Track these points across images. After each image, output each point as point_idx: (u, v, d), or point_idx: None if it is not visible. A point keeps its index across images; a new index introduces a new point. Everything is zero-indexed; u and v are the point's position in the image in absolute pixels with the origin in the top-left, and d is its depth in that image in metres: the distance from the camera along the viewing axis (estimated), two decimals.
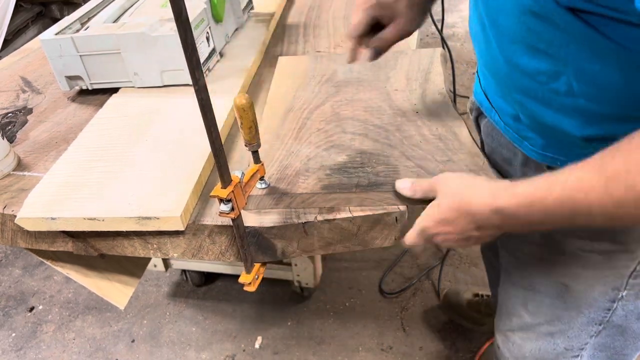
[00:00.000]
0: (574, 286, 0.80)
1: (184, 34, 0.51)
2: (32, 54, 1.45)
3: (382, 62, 1.13)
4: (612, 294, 0.79)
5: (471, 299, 1.65)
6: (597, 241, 0.73)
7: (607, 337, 0.86)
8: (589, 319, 0.83)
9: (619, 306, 0.80)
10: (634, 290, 0.78)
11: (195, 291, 1.93)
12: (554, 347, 0.90)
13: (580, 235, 0.75)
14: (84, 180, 0.83)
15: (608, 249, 0.74)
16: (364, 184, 0.75)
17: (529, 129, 0.74)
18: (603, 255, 0.75)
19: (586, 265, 0.77)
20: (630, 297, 0.79)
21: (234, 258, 0.80)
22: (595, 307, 0.81)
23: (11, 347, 1.79)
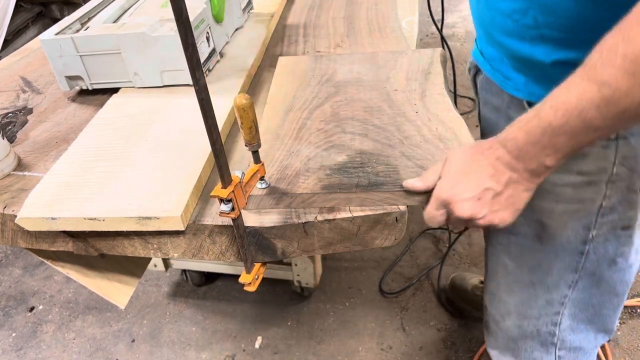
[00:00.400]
0: (550, 223, 0.85)
1: (184, 34, 0.51)
2: (32, 54, 1.45)
3: (382, 62, 1.13)
4: (584, 233, 0.83)
5: (477, 285, 1.68)
6: (566, 174, 0.78)
7: (584, 290, 0.90)
8: (565, 265, 0.88)
9: (591, 249, 0.85)
10: (602, 231, 0.83)
11: (196, 291, 1.93)
12: (535, 299, 0.94)
13: None
14: (84, 180, 0.83)
15: (575, 180, 0.79)
16: (364, 184, 0.75)
17: (511, 69, 0.82)
18: (572, 188, 0.80)
19: (558, 199, 0.82)
20: (600, 239, 0.84)
21: (234, 258, 0.80)
22: (570, 250, 0.86)
23: (11, 347, 1.79)
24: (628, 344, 1.61)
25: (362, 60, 1.15)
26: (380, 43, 1.29)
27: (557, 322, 0.96)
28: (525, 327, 1.00)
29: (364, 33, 1.37)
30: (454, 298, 1.75)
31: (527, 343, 1.02)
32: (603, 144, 0.75)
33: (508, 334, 1.03)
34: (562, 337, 0.98)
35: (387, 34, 1.35)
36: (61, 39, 1.05)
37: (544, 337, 0.99)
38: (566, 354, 1.00)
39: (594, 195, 0.80)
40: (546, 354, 1.01)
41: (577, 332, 0.98)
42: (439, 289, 1.82)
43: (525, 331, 1.00)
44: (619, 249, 0.86)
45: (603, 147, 0.75)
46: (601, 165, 0.77)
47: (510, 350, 1.05)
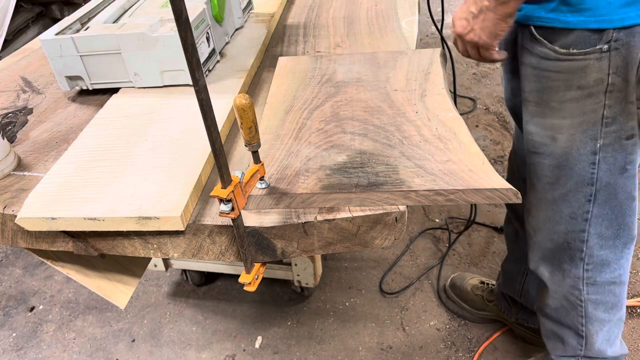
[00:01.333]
0: (560, 137, 0.97)
1: (184, 35, 0.51)
2: (33, 54, 1.45)
3: (382, 62, 1.13)
4: (592, 144, 0.95)
5: (476, 284, 1.73)
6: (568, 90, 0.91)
7: (604, 204, 1.02)
8: (581, 178, 0.99)
9: (601, 159, 0.96)
10: (608, 140, 0.94)
11: (196, 291, 1.93)
12: (560, 214, 1.06)
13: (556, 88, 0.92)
14: (84, 180, 0.83)
15: (576, 95, 0.90)
16: (364, 184, 0.76)
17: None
18: (575, 102, 0.91)
19: (565, 115, 0.94)
20: (607, 149, 0.95)
21: (234, 258, 0.80)
22: (582, 162, 0.97)
23: (12, 346, 1.79)
24: (628, 344, 1.61)
25: (362, 60, 1.15)
26: (380, 43, 1.29)
27: (584, 239, 1.07)
28: (555, 240, 1.11)
29: (364, 33, 1.37)
30: (454, 298, 1.77)
31: (558, 255, 1.13)
32: (597, 57, 0.85)
33: (541, 247, 1.16)
34: (590, 253, 1.09)
35: (387, 34, 1.35)
36: (61, 39, 1.05)
37: (573, 252, 1.10)
38: (594, 267, 1.11)
39: (594, 106, 0.90)
40: (574, 267, 1.12)
41: (604, 248, 1.08)
42: (438, 289, 1.82)
43: (557, 243, 1.11)
44: (627, 157, 0.96)
45: (597, 59, 0.86)
46: (597, 77, 0.87)
47: (546, 260, 1.17)
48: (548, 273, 1.19)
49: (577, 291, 1.16)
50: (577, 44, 0.86)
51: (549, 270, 1.19)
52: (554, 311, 1.25)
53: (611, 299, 1.17)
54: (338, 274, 1.94)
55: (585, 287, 1.15)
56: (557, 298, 1.21)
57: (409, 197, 0.74)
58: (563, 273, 1.16)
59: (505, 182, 0.74)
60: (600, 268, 1.12)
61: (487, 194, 0.74)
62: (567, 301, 1.20)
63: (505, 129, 2.67)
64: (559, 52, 0.88)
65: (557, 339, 1.30)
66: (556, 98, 0.93)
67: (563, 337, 1.28)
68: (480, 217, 2.13)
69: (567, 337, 1.27)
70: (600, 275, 1.13)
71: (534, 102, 0.99)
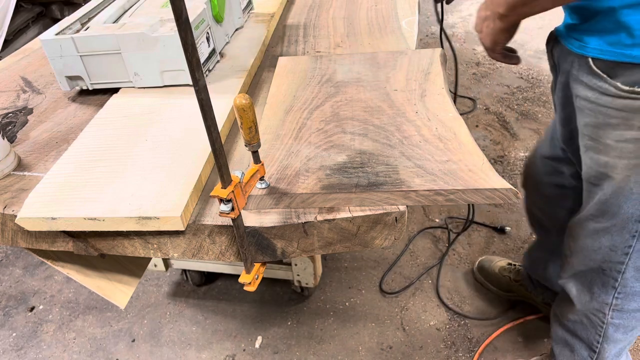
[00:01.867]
0: (614, 176, 0.94)
1: (184, 35, 0.51)
2: (33, 54, 1.45)
3: (381, 62, 1.13)
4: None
5: (503, 266, 1.77)
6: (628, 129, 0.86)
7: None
8: (629, 215, 0.97)
9: None
10: None
11: (196, 291, 1.93)
12: (599, 245, 1.06)
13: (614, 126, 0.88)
14: (84, 180, 0.83)
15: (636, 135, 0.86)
16: (364, 184, 0.76)
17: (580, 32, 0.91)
18: (633, 144, 0.87)
19: (621, 155, 0.90)
20: None
21: (234, 258, 0.80)
22: (633, 201, 0.95)
23: (12, 346, 1.79)
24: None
25: (362, 60, 1.15)
26: (380, 43, 1.29)
27: (620, 270, 1.06)
28: (591, 265, 1.11)
29: (364, 33, 1.37)
30: (481, 280, 1.81)
31: (591, 276, 1.13)
32: None
33: (574, 268, 1.16)
34: (624, 283, 1.08)
35: (387, 34, 1.35)
36: (61, 39, 1.05)
37: (606, 279, 1.09)
38: (624, 297, 1.10)
39: None
40: (605, 293, 1.12)
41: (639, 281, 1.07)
42: (438, 288, 1.82)
43: (591, 268, 1.11)
44: None
45: None
46: None
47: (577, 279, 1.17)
48: (576, 291, 1.18)
49: (601, 314, 1.16)
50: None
51: (577, 288, 1.18)
52: (572, 323, 1.25)
53: (633, 324, 1.17)
54: (338, 274, 1.94)
55: (610, 312, 1.14)
56: (579, 315, 1.21)
57: (409, 197, 0.74)
58: (592, 296, 1.15)
59: (505, 182, 0.74)
60: (631, 298, 1.11)
61: (487, 194, 0.74)
62: (588, 320, 1.19)
63: (505, 129, 2.67)
64: (621, 88, 0.82)
65: (567, 347, 1.30)
66: (613, 136, 0.88)
67: (574, 347, 1.28)
68: (480, 217, 2.13)
69: (578, 348, 1.27)
70: (629, 304, 1.12)
71: (589, 136, 0.95)
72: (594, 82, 0.86)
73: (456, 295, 1.81)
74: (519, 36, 3.98)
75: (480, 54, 3.46)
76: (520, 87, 3.04)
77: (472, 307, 1.76)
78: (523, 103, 2.88)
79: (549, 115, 2.75)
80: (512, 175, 2.35)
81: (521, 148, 2.52)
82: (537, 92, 2.97)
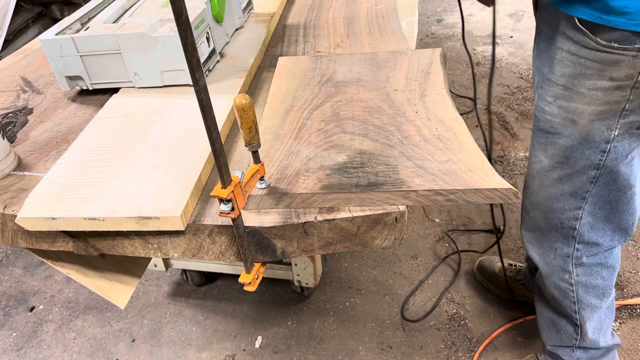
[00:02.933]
0: (580, 122, 1.03)
1: (184, 35, 0.51)
2: (33, 54, 1.45)
3: (381, 62, 1.13)
4: (607, 133, 1.01)
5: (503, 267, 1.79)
6: (601, 79, 0.96)
7: (603, 186, 1.08)
8: (590, 161, 1.06)
9: (612, 147, 1.02)
10: (622, 131, 1.00)
11: (196, 291, 1.93)
12: (561, 192, 1.13)
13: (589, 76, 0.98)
14: (84, 180, 0.83)
15: (606, 85, 0.96)
16: (364, 184, 0.76)
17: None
18: (603, 92, 0.97)
19: (590, 102, 1.00)
20: (620, 138, 1.01)
21: (234, 258, 0.80)
22: (594, 148, 1.04)
23: (12, 346, 1.79)
24: (628, 344, 1.61)
25: (362, 60, 1.15)
26: (380, 43, 1.29)
27: (578, 217, 1.14)
28: (550, 219, 1.19)
29: (364, 33, 1.37)
30: (482, 280, 1.83)
31: (551, 234, 1.21)
32: (633, 54, 0.91)
33: (535, 223, 1.24)
34: (581, 232, 1.16)
35: (387, 34, 1.35)
36: (61, 39, 1.05)
37: (566, 231, 1.18)
38: (584, 247, 1.19)
39: (619, 99, 0.97)
40: (566, 245, 1.20)
41: (595, 230, 1.15)
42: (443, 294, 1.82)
43: (551, 223, 1.19)
44: (632, 145, 1.03)
45: (633, 56, 0.91)
46: (630, 73, 0.93)
47: (539, 238, 1.25)
48: (538, 253, 1.27)
49: (567, 274, 1.24)
50: (618, 40, 0.92)
51: (540, 250, 1.26)
52: (551, 300, 1.33)
53: (600, 283, 1.24)
54: (338, 274, 1.94)
55: (574, 269, 1.22)
56: (550, 285, 1.29)
57: (409, 197, 0.75)
58: (555, 252, 1.23)
59: (505, 182, 0.74)
60: (589, 249, 1.19)
61: (487, 193, 0.74)
62: (559, 290, 1.28)
63: (505, 129, 2.67)
64: (600, 43, 0.94)
65: (553, 328, 1.37)
66: (587, 85, 0.99)
67: (560, 326, 1.34)
68: (480, 216, 2.13)
69: (563, 326, 1.34)
70: (589, 258, 1.21)
71: (563, 85, 1.04)
72: (577, 37, 0.98)
73: (456, 295, 1.81)
74: (519, 36, 3.96)
75: (480, 54, 3.46)
76: (520, 87, 3.04)
77: (472, 307, 1.76)
78: (523, 103, 2.88)
79: None
80: (512, 175, 2.35)
81: (521, 148, 2.52)
82: None
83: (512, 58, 3.37)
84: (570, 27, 0.99)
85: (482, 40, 3.64)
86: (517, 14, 3.94)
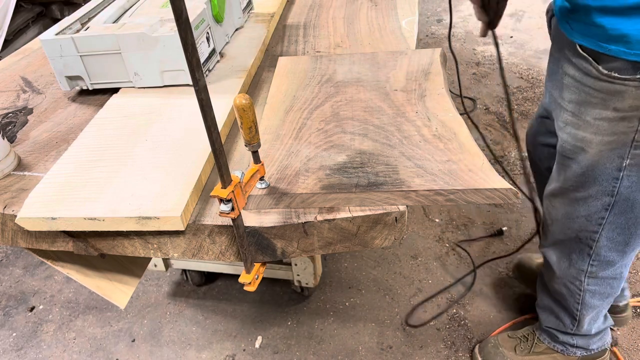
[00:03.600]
0: (590, 151, 1.02)
1: (184, 35, 0.51)
2: (33, 54, 1.45)
3: (382, 62, 1.13)
4: (618, 161, 1.00)
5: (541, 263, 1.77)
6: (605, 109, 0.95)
7: (620, 214, 1.08)
8: (603, 188, 1.06)
9: (624, 176, 1.01)
10: (635, 161, 0.99)
11: (196, 291, 1.93)
12: (577, 214, 1.14)
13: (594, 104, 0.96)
14: (84, 180, 0.83)
15: (610, 115, 0.95)
16: (364, 184, 0.76)
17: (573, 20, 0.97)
18: (608, 122, 0.96)
19: (597, 131, 0.99)
20: (632, 168, 1.00)
21: (234, 258, 0.80)
22: (606, 175, 1.03)
23: (12, 346, 1.79)
24: (628, 344, 1.61)
25: (362, 60, 1.15)
26: (380, 43, 1.29)
27: (595, 239, 1.15)
28: (568, 234, 1.20)
29: (364, 33, 1.37)
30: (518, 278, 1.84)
31: (569, 245, 1.22)
32: (636, 85, 0.88)
33: (555, 236, 1.25)
34: (597, 252, 1.17)
35: (387, 34, 1.35)
36: (61, 39, 1.05)
37: (582, 247, 1.19)
38: (599, 264, 1.20)
39: (627, 129, 0.95)
40: (581, 260, 1.21)
41: (612, 251, 1.16)
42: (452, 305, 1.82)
43: (569, 237, 1.21)
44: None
45: (636, 87, 0.89)
46: (634, 104, 0.91)
47: (557, 247, 1.27)
48: (556, 258, 1.28)
49: (578, 282, 1.25)
50: (619, 70, 0.89)
51: (557, 256, 1.27)
52: (555, 293, 1.35)
53: (607, 290, 1.27)
54: (338, 274, 1.94)
55: (586, 279, 1.24)
56: (559, 283, 1.31)
57: (409, 197, 0.75)
58: (570, 262, 1.24)
59: (505, 182, 0.74)
60: (604, 266, 1.20)
61: (487, 193, 0.74)
62: (567, 289, 1.30)
63: (505, 129, 2.67)
64: (602, 72, 0.91)
65: (552, 315, 1.41)
66: (592, 114, 0.98)
67: (558, 315, 1.39)
68: (480, 216, 2.13)
69: (562, 316, 1.38)
70: (603, 272, 1.21)
71: (571, 112, 1.03)
72: (580, 63, 0.96)
73: (456, 295, 1.81)
74: (519, 36, 3.97)
75: (480, 54, 3.46)
76: (520, 87, 3.04)
77: (472, 307, 1.76)
78: (523, 103, 2.88)
79: None
80: (512, 175, 2.35)
81: (521, 148, 2.52)
82: (537, 92, 2.97)
83: (512, 58, 3.37)
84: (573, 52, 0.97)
85: (482, 40, 3.64)
86: (517, 14, 3.94)
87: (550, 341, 1.47)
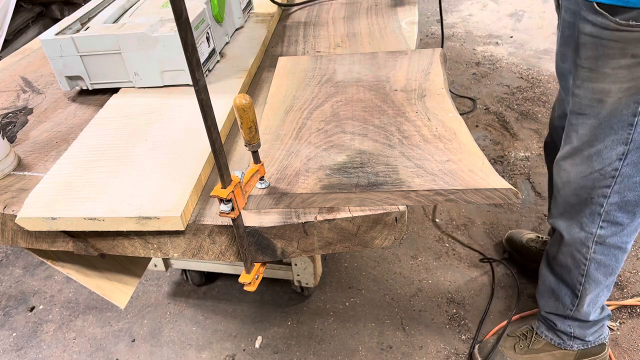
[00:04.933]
0: (607, 100, 1.07)
1: (184, 35, 0.51)
2: (33, 54, 1.45)
3: (382, 62, 1.13)
4: (634, 106, 1.04)
5: (531, 237, 1.89)
6: (623, 57, 1.01)
7: (633, 165, 1.12)
8: (618, 137, 1.09)
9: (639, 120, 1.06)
10: None
11: (196, 291, 1.93)
12: (590, 169, 1.17)
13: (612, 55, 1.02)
14: (84, 180, 0.83)
15: (629, 62, 1.01)
16: (364, 184, 0.76)
17: None
18: (627, 69, 1.02)
19: (615, 80, 1.04)
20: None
21: (234, 258, 0.80)
22: (622, 122, 1.07)
23: (12, 346, 1.79)
24: (628, 344, 1.61)
25: (362, 60, 1.15)
26: (380, 43, 1.29)
27: (606, 195, 1.18)
28: (580, 195, 1.22)
29: (364, 33, 1.37)
30: (508, 250, 1.92)
31: (580, 208, 1.24)
32: None
33: (565, 201, 1.27)
34: (607, 210, 1.20)
35: (387, 34, 1.35)
36: (61, 39, 1.05)
37: (594, 207, 1.21)
38: (607, 225, 1.23)
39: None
40: (591, 222, 1.24)
41: (622, 210, 1.19)
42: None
43: (580, 198, 1.23)
44: None
45: None
46: None
47: (567, 213, 1.29)
48: (565, 225, 1.30)
49: (585, 248, 1.28)
50: (636, 18, 0.96)
51: (567, 222, 1.30)
52: (560, 267, 1.38)
53: (612, 263, 1.29)
54: (338, 274, 1.94)
55: (594, 246, 1.27)
56: (565, 253, 1.34)
57: (409, 197, 0.75)
58: (580, 226, 1.27)
59: (505, 182, 0.74)
60: (613, 229, 1.23)
61: (487, 194, 0.74)
62: (573, 259, 1.32)
63: (505, 129, 2.67)
64: (620, 23, 0.98)
65: (552, 297, 1.43)
66: (610, 65, 1.04)
67: (559, 295, 1.41)
68: (480, 216, 2.13)
69: (562, 296, 1.40)
70: (611, 238, 1.25)
71: (588, 68, 1.09)
72: (597, 20, 1.02)
73: (456, 295, 1.81)
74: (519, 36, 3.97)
75: (480, 54, 3.46)
76: (520, 87, 3.04)
77: (472, 307, 1.76)
78: (523, 103, 2.88)
79: (549, 115, 2.75)
80: (512, 175, 2.35)
81: (521, 148, 2.52)
82: (537, 92, 2.97)
83: (512, 58, 3.37)
84: (590, 11, 1.03)
85: (482, 40, 3.64)
86: (517, 14, 3.94)
87: (547, 334, 1.49)
